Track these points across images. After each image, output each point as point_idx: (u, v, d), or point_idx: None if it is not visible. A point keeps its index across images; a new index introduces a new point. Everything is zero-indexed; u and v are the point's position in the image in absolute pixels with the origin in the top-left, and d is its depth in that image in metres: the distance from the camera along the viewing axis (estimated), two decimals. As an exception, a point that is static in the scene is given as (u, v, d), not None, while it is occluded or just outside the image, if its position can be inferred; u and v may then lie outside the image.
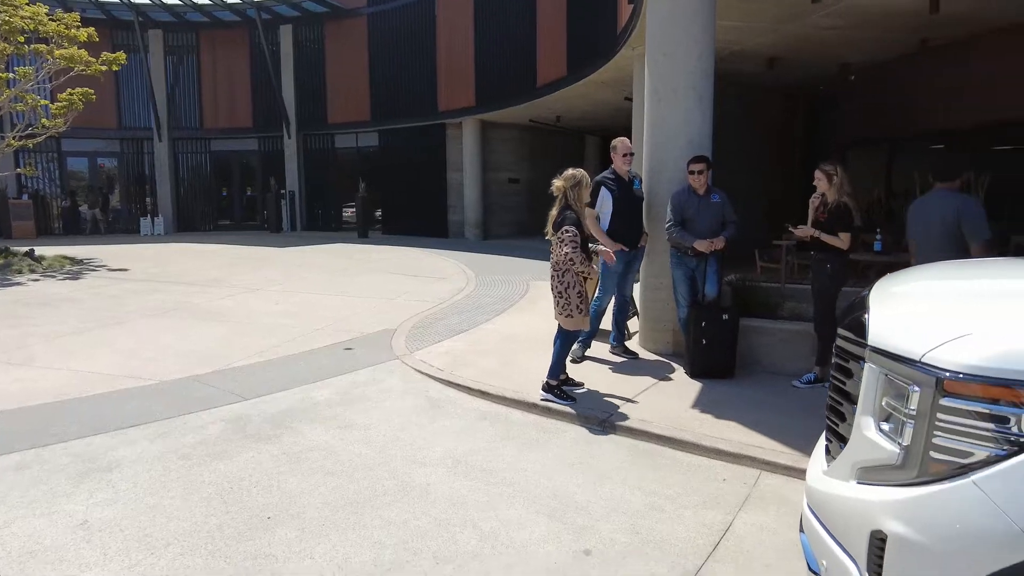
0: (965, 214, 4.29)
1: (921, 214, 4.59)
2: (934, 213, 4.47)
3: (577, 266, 4.77)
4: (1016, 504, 1.34)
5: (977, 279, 2.04)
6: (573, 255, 4.71)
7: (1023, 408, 1.36)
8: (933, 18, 8.33)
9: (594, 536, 3.16)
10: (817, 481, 1.98)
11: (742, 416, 4.49)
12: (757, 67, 10.99)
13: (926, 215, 4.56)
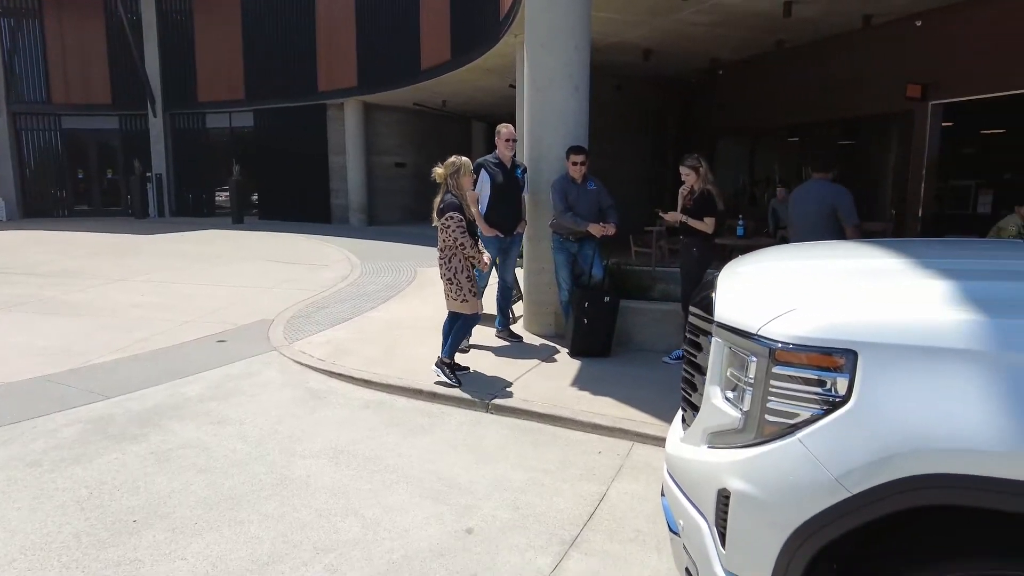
0: (840, 202, 5.02)
1: (801, 201, 5.21)
2: (812, 200, 5.15)
3: (467, 251, 4.80)
4: (831, 456, 1.53)
5: (806, 260, 2.29)
6: (463, 240, 4.75)
7: (837, 372, 1.56)
8: (787, 21, 9.06)
9: (477, 515, 3.23)
10: (674, 448, 2.15)
11: (617, 392, 4.73)
12: (634, 59, 11.46)
13: (805, 202, 5.19)
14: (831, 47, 10.18)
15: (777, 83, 11.26)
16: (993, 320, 1.45)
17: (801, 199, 5.33)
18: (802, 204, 5.27)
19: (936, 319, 1.51)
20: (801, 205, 5.29)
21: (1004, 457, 1.37)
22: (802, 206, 5.27)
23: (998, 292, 1.59)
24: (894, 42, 9.28)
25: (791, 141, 11.80)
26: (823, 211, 5.04)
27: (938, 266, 1.85)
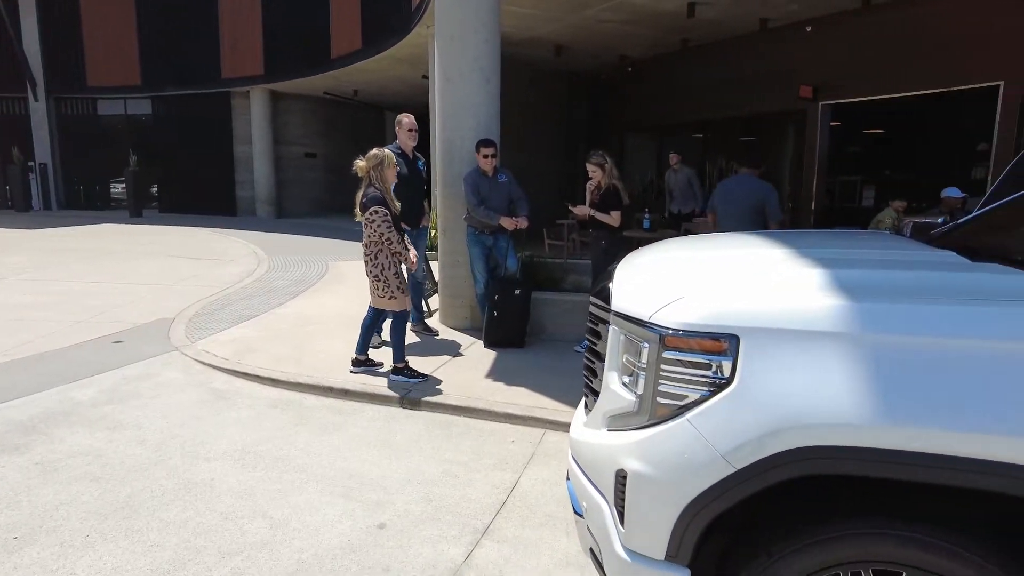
0: (769, 199, 5.43)
1: (727, 193, 5.53)
2: (740, 193, 5.51)
3: (394, 246, 4.72)
4: (717, 434, 1.64)
5: (695, 252, 2.42)
6: (389, 234, 4.66)
7: (721, 356, 1.66)
8: (691, 21, 9.43)
9: (389, 510, 3.22)
10: (578, 433, 2.22)
11: (531, 381, 4.82)
12: (547, 54, 11.60)
13: (732, 194, 5.52)
14: (732, 48, 10.67)
15: (683, 81, 11.69)
16: (859, 304, 1.58)
17: (730, 191, 5.68)
18: (729, 196, 5.61)
19: (809, 305, 1.64)
20: (727, 197, 5.64)
21: (869, 429, 1.50)
22: (729, 198, 5.61)
23: (864, 279, 1.73)
24: (788, 45, 9.84)
25: (696, 137, 12.30)
26: (753, 205, 5.38)
27: (813, 256, 2.00)
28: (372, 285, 4.84)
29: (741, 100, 10.76)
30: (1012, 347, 1.45)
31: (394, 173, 4.89)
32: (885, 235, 2.74)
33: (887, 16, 8.55)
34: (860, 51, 8.95)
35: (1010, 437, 1.43)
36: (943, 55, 8.06)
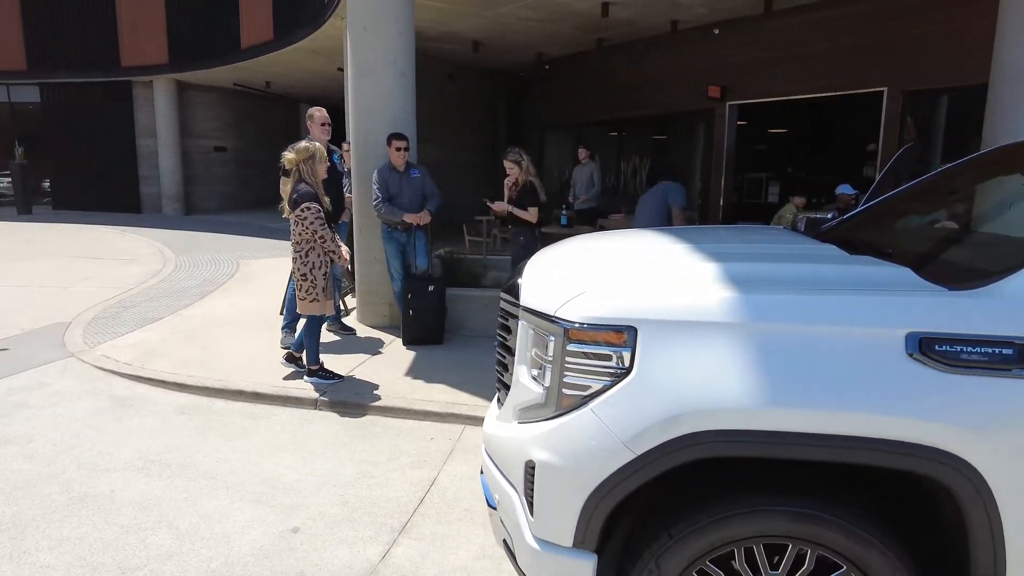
0: (669, 192, 5.54)
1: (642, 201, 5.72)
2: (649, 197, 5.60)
3: (327, 244, 4.57)
4: (617, 422, 1.70)
5: (601, 247, 2.50)
6: (323, 232, 4.50)
7: (621, 347, 1.72)
8: (605, 21, 9.65)
9: (303, 513, 3.15)
10: (490, 427, 2.25)
11: (450, 378, 4.82)
12: (465, 49, 11.59)
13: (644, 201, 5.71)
14: (646, 48, 11.00)
15: (599, 80, 11.95)
16: (745, 296, 1.68)
17: (643, 200, 5.80)
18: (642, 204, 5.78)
19: (701, 297, 1.72)
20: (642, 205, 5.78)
21: (758, 412, 1.60)
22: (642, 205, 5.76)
23: (752, 272, 1.84)
24: (698, 46, 10.23)
25: (612, 135, 12.60)
26: (659, 202, 5.52)
27: (707, 251, 2.10)
28: (297, 284, 4.66)
29: (654, 99, 11.11)
30: (879, 332, 1.58)
31: (325, 168, 4.72)
32: (778, 230, 2.91)
33: (786, 22, 9.04)
34: (763, 54, 9.42)
35: (884, 416, 1.56)
36: (836, 61, 8.60)
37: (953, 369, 1.54)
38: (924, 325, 1.56)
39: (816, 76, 8.88)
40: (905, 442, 1.56)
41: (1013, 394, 1.52)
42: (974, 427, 1.54)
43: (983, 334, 1.54)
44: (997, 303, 1.57)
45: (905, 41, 7.90)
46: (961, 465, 1.55)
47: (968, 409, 1.54)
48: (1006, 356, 1.52)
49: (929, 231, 2.58)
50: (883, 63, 8.15)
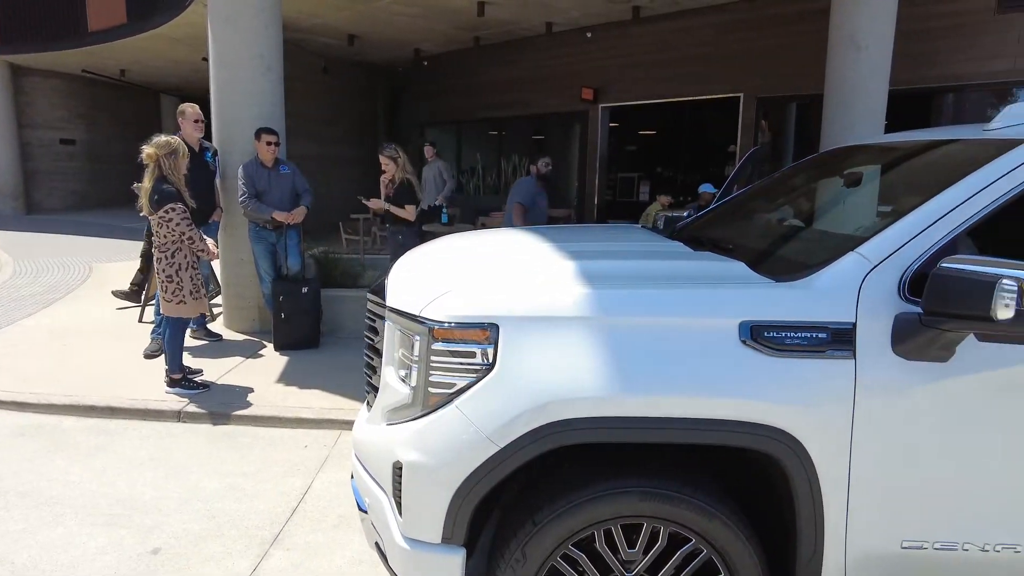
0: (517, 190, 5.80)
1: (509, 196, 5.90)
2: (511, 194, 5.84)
3: (196, 244, 4.27)
4: (482, 417, 1.74)
5: (468, 246, 2.53)
6: (191, 233, 4.21)
7: (484, 344, 1.77)
8: (482, 20, 9.73)
9: (164, 532, 2.95)
10: (360, 430, 2.22)
11: (326, 382, 4.69)
12: (339, 42, 11.27)
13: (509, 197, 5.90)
14: (523, 48, 11.21)
15: (478, 78, 12.04)
16: (598, 292, 1.78)
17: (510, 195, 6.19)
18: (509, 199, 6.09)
19: (558, 294, 1.80)
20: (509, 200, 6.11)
21: (610, 400, 1.69)
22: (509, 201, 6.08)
23: (604, 269, 1.94)
24: (572, 49, 10.57)
25: (492, 134, 12.75)
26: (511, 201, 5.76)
27: (567, 249, 2.20)
28: (162, 287, 4.35)
29: (532, 99, 11.36)
30: (715, 322, 1.72)
31: (186, 163, 4.42)
32: (634, 229, 3.08)
33: (653, 28, 9.55)
34: (632, 58, 9.90)
35: (722, 398, 1.70)
36: (697, 67, 9.20)
37: (779, 353, 1.71)
38: (754, 314, 1.72)
39: (680, 81, 9.45)
40: (741, 421, 1.71)
41: (828, 373, 1.71)
42: (798, 404, 1.71)
43: (803, 320, 1.72)
44: (813, 293, 1.76)
45: (757, 52, 8.59)
46: (788, 440, 1.72)
47: (793, 388, 1.71)
48: (821, 339, 1.71)
49: (766, 228, 2.83)
50: (738, 71, 8.82)
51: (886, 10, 5.91)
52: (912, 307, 1.71)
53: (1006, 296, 1.47)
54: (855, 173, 2.67)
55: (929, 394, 1.72)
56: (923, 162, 2.39)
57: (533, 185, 6.11)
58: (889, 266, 1.76)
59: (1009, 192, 1.82)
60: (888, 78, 6.01)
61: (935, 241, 1.77)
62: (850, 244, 1.85)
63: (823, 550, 1.81)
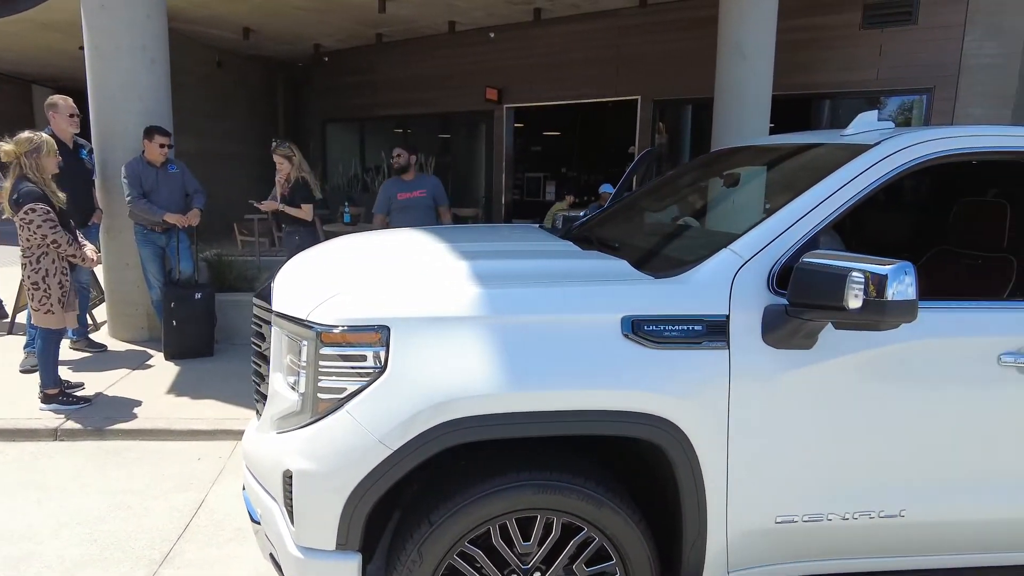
0: (436, 189, 5.56)
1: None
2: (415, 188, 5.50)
3: (63, 248, 3.93)
4: (373, 421, 1.72)
5: (360, 246, 2.50)
6: (55, 236, 3.86)
7: (375, 347, 1.75)
8: (384, 17, 9.58)
9: (36, 563, 2.73)
10: (249, 441, 2.15)
11: (221, 391, 4.48)
12: (233, 35, 10.79)
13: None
14: (426, 46, 11.12)
15: (381, 74, 11.85)
16: (488, 291, 1.80)
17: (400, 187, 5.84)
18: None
19: (451, 293, 1.81)
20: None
21: (501, 397, 1.72)
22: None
23: (495, 269, 1.96)
24: (476, 48, 10.59)
25: (398, 132, 12.58)
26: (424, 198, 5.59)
27: (460, 249, 2.21)
28: (29, 294, 4.00)
29: (437, 97, 11.30)
30: (599, 318, 1.79)
31: (55, 162, 4.06)
32: (530, 228, 3.14)
33: (554, 30, 9.73)
34: (534, 60, 10.04)
35: (608, 390, 1.77)
36: (596, 70, 9.46)
37: (659, 345, 1.79)
38: (635, 309, 1.80)
39: (580, 83, 9.69)
40: (625, 411, 1.79)
41: (704, 363, 1.81)
42: (677, 394, 1.80)
43: (680, 314, 1.82)
44: (690, 288, 1.86)
45: (652, 56, 8.93)
46: (670, 428, 1.81)
47: (672, 379, 1.80)
48: (697, 332, 1.81)
49: (652, 226, 2.96)
50: (636, 74, 9.14)
51: (767, 21, 6.30)
52: (779, 299, 1.84)
53: (855, 287, 1.61)
54: (733, 174, 2.84)
55: (796, 379, 1.86)
56: (790, 164, 2.58)
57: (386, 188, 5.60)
58: (758, 262, 1.89)
59: (861, 191, 1.99)
60: (771, 84, 6.41)
61: (798, 238, 1.92)
62: (724, 241, 1.97)
63: (707, 531, 1.91)
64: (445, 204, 5.65)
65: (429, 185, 5.58)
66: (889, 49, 7.60)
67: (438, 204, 5.58)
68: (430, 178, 5.78)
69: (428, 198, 5.51)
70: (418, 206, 5.45)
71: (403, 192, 5.48)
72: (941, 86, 7.42)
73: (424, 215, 5.43)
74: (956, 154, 2.08)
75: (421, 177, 5.66)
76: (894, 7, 7.47)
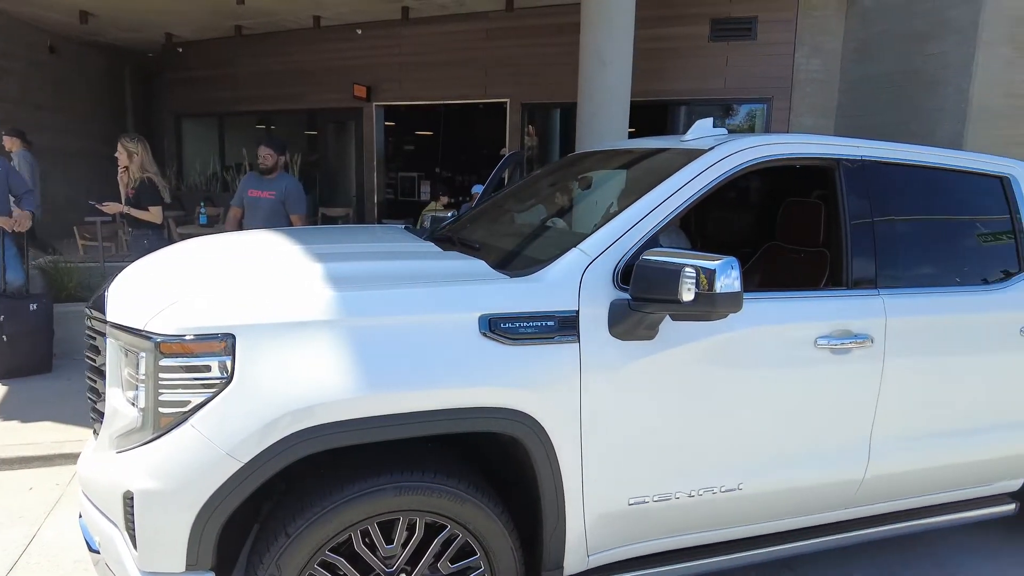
0: (290, 194, 5.00)
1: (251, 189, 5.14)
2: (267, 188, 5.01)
3: None
4: (221, 433, 1.64)
5: (203, 250, 2.38)
6: None
7: (220, 356, 1.67)
8: (243, 8, 9.10)
9: None
10: (85, 463, 1.98)
11: (59, 411, 4.07)
12: (69, 19, 9.80)
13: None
14: (291, 40, 10.67)
15: (243, 68, 11.23)
16: (342, 294, 1.78)
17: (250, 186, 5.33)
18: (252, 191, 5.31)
19: (301, 298, 1.76)
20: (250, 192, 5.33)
21: (355, 401, 1.70)
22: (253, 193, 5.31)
23: (349, 271, 1.94)
24: (343, 44, 10.31)
25: (261, 128, 11.98)
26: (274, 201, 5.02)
27: (315, 251, 2.16)
28: None
29: (303, 93, 10.88)
30: (457, 317, 1.82)
31: None
32: (393, 229, 3.12)
33: (423, 30, 9.68)
34: (404, 59, 9.94)
35: (467, 388, 1.80)
36: (466, 71, 9.52)
37: (515, 342, 1.85)
38: (491, 308, 1.85)
39: (450, 84, 9.71)
40: (483, 407, 1.83)
41: (557, 357, 1.90)
42: (533, 388, 1.87)
43: (534, 311, 1.89)
44: (542, 285, 1.94)
45: (520, 59, 9.13)
46: (528, 421, 1.88)
47: (528, 373, 1.87)
48: (550, 327, 1.89)
49: (511, 227, 3.04)
50: (504, 77, 9.30)
51: (625, 30, 6.63)
52: (623, 294, 1.96)
53: (688, 282, 1.75)
54: (587, 176, 2.98)
55: (640, 368, 1.99)
56: (635, 167, 2.74)
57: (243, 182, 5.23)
58: (604, 259, 2.00)
59: (697, 193, 2.17)
60: (630, 90, 6.75)
61: (640, 237, 2.05)
62: (574, 241, 2.06)
63: (566, 517, 2.00)
64: (299, 212, 5.07)
65: (280, 188, 5.02)
66: (734, 61, 8.26)
67: (289, 210, 5.03)
68: (288, 180, 5.17)
69: (276, 201, 4.98)
70: (263, 207, 4.98)
71: (254, 189, 5.05)
72: (778, 97, 8.17)
73: (270, 217, 4.92)
74: (776, 159, 2.32)
75: (281, 177, 5.16)
76: (736, 24, 8.14)
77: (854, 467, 2.39)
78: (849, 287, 2.35)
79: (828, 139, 2.48)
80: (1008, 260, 2.76)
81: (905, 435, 2.46)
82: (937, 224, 2.76)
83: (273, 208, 4.96)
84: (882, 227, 2.45)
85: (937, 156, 2.68)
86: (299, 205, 5.08)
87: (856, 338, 2.27)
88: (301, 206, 5.09)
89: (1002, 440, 2.67)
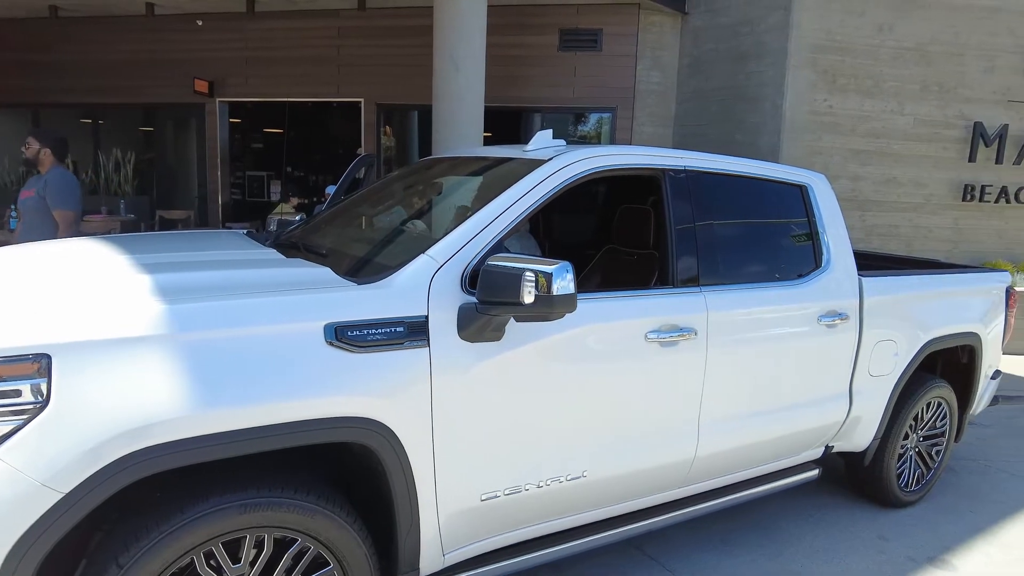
0: (51, 188, 4.24)
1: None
2: (31, 186, 4.35)
3: None
4: (36, 463, 1.50)
5: (11, 262, 2.16)
6: None
7: (30, 378, 1.53)
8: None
9: None
10: None
11: None
12: None
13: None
14: (119, 27, 9.76)
15: (60, 55, 10.09)
16: (172, 307, 1.69)
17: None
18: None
19: (125, 313, 1.65)
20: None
21: (191, 420, 1.62)
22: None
23: (184, 282, 1.85)
24: (181, 35, 9.59)
25: (85, 122, 10.84)
26: (40, 198, 4.30)
27: (146, 261, 2.03)
28: None
29: (135, 86, 9.99)
30: (300, 327, 1.79)
31: None
32: (231, 235, 2.99)
33: (270, 24, 9.25)
34: (250, 54, 9.44)
35: (313, 399, 1.78)
36: (317, 68, 9.24)
37: (363, 349, 1.86)
38: (337, 316, 1.84)
39: (300, 81, 9.37)
40: (334, 418, 1.82)
41: (407, 362, 1.93)
42: (383, 394, 1.89)
43: (382, 318, 1.90)
44: (391, 292, 1.96)
45: (373, 59, 9.00)
46: (378, 428, 1.89)
47: (378, 381, 1.88)
48: (399, 333, 1.92)
49: (360, 232, 3.03)
50: (358, 76, 9.13)
51: (477, 35, 6.77)
52: (471, 298, 2.04)
53: (528, 285, 1.86)
54: (437, 182, 3.03)
55: (488, 369, 2.08)
56: (485, 174, 2.84)
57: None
58: (452, 265, 2.06)
59: (538, 201, 2.29)
60: (483, 96, 6.89)
61: (486, 242, 2.13)
62: (423, 247, 2.11)
63: (420, 518, 2.04)
64: (61, 207, 4.25)
65: (40, 184, 4.27)
66: (582, 71, 8.69)
67: (49, 204, 4.23)
68: (53, 173, 4.32)
69: (38, 198, 4.25)
70: (27, 207, 4.30)
71: (25, 190, 4.37)
72: (622, 106, 8.71)
73: (37, 220, 4.26)
74: (608, 169, 2.50)
75: (52, 171, 4.32)
76: (583, 35, 8.57)
77: (686, 448, 2.64)
78: (676, 285, 2.59)
79: (654, 151, 2.71)
80: (808, 258, 3.17)
81: (728, 416, 2.75)
82: (750, 227, 3.10)
83: (36, 206, 4.26)
84: (703, 230, 2.72)
85: (748, 167, 3.02)
86: (61, 199, 4.25)
87: (682, 331, 2.50)
88: (64, 200, 4.28)
89: (807, 415, 3.06)
